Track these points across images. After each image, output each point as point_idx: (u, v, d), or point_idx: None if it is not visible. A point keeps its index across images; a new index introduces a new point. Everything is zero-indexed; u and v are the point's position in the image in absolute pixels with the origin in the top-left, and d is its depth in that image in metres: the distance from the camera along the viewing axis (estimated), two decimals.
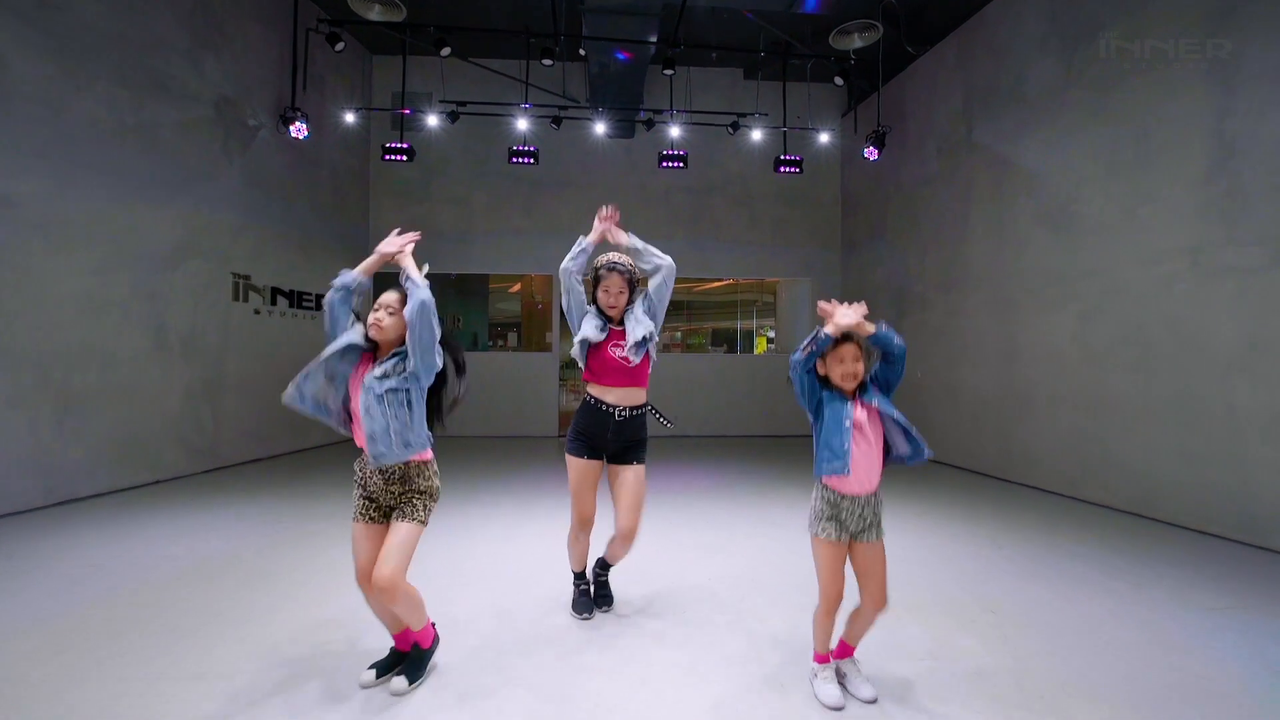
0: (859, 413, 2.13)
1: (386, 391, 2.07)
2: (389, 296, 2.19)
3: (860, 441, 2.11)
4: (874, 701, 2.15)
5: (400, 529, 2.12)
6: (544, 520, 4.61)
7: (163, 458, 5.85)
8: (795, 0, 6.42)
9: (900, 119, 8.31)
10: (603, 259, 2.71)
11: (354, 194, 9.08)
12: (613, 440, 2.67)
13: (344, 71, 8.65)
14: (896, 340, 2.08)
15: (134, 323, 5.56)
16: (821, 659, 2.23)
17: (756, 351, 15.58)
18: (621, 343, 2.66)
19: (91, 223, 5.16)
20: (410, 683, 2.20)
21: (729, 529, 4.41)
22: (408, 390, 2.11)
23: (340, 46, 7.33)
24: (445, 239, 9.49)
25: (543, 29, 7.44)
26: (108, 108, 5.29)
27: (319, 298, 8.15)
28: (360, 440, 2.13)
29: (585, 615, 2.81)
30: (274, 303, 7.33)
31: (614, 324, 2.72)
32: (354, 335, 2.14)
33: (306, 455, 7.56)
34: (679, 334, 15.53)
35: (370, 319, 2.15)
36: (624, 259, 2.71)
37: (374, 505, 2.20)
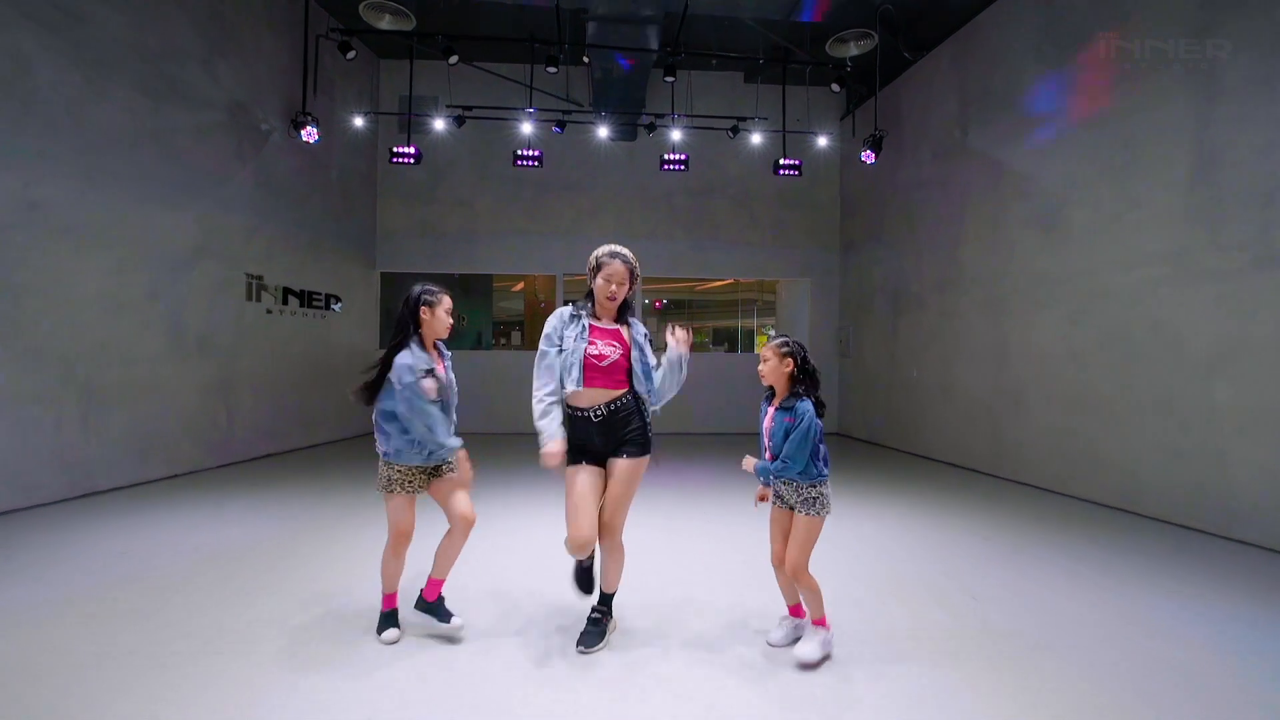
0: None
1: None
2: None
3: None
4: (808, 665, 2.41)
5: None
6: (550, 520, 4.80)
7: (179, 453, 6.05)
8: (794, 8, 6.57)
9: (897, 123, 8.46)
10: (603, 249, 2.55)
11: (362, 196, 9.27)
12: (601, 443, 2.49)
13: (353, 76, 8.83)
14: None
15: (152, 322, 5.76)
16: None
17: (758, 350, 15.71)
18: (598, 342, 2.46)
19: (112, 225, 5.35)
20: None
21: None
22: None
23: (352, 55, 7.52)
24: (450, 240, 9.68)
25: (547, 36, 7.61)
26: (128, 114, 5.48)
27: (329, 297, 8.34)
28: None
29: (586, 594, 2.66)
30: (285, 302, 7.52)
31: (597, 321, 2.53)
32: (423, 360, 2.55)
33: (318, 450, 7.76)
34: None
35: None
36: (627, 250, 2.56)
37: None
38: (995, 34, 6.73)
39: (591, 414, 2.46)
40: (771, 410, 2.49)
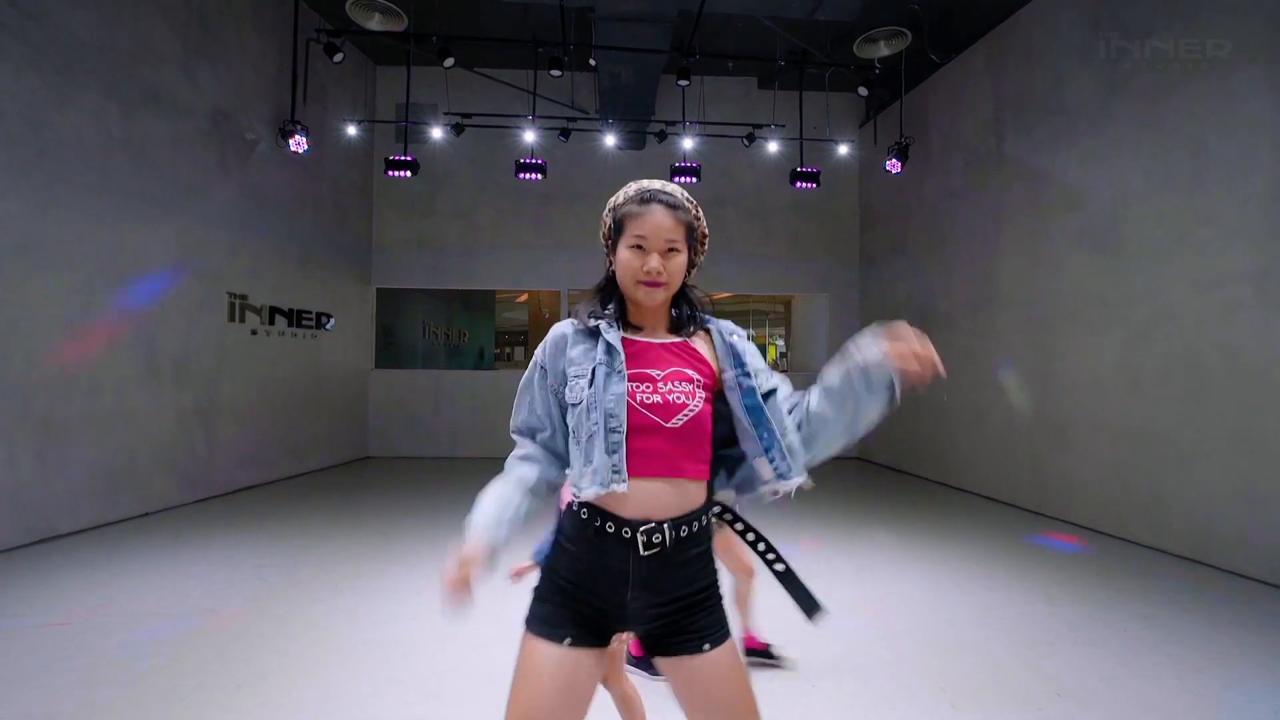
0: None
1: None
2: None
3: None
4: None
5: None
6: None
7: (153, 487, 5.56)
8: (817, 6, 6.09)
9: (924, 130, 7.96)
10: (628, 189, 1.27)
11: (356, 208, 8.82)
12: (639, 603, 1.18)
13: (346, 83, 8.40)
14: None
15: (121, 347, 5.29)
16: None
17: (769, 360, 15.18)
18: (651, 374, 1.19)
19: (76, 243, 4.88)
20: None
21: None
22: None
23: (339, 58, 7.06)
24: (450, 254, 9.21)
25: (550, 38, 7.15)
26: (94, 122, 5.03)
27: (319, 316, 7.87)
28: None
29: None
30: (272, 322, 7.05)
31: (635, 332, 1.26)
32: None
33: (307, 479, 7.27)
34: None
35: None
36: (673, 187, 1.27)
37: None
38: (1036, 31, 6.23)
39: (641, 537, 1.15)
40: None
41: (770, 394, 1.24)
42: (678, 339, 1.26)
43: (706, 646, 1.16)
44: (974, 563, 4.47)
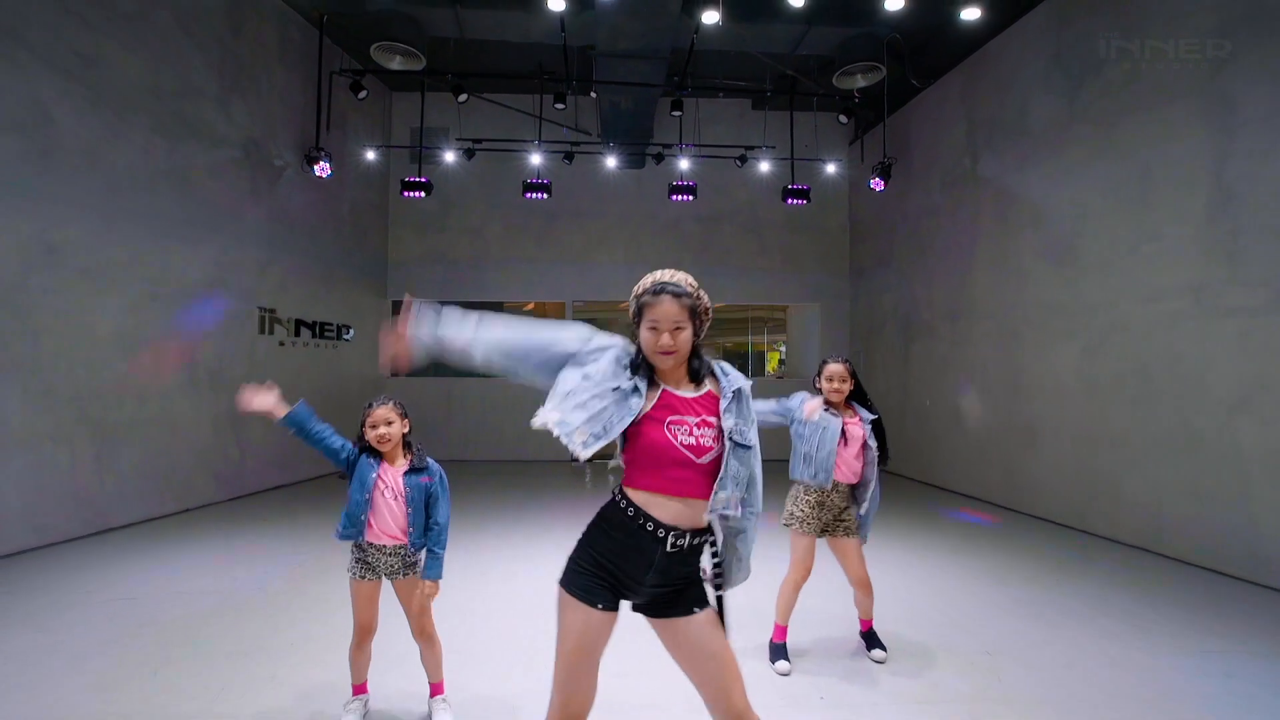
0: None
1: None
2: None
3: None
4: None
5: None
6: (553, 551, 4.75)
7: (192, 487, 6.09)
8: (799, 43, 6.59)
9: (906, 150, 8.44)
10: (645, 281, 1.68)
11: (373, 226, 9.38)
12: (652, 581, 1.59)
13: (365, 110, 8.97)
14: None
15: (166, 358, 5.81)
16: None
17: (769, 369, 15.64)
18: (687, 420, 1.58)
19: (129, 265, 5.43)
20: None
21: None
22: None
23: (363, 95, 7.64)
24: (461, 267, 9.75)
25: (555, 69, 7.69)
26: (144, 155, 5.59)
27: (340, 327, 8.41)
28: None
29: None
30: (297, 334, 7.59)
31: (671, 386, 1.63)
32: None
33: (326, 481, 7.77)
34: None
35: None
36: (681, 276, 1.66)
37: None
38: (1004, 61, 6.71)
39: (671, 539, 1.56)
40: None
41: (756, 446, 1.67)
42: (700, 392, 1.63)
43: (696, 610, 1.60)
44: (939, 551, 4.91)
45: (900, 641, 3.22)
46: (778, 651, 2.95)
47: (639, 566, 1.57)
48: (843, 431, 2.87)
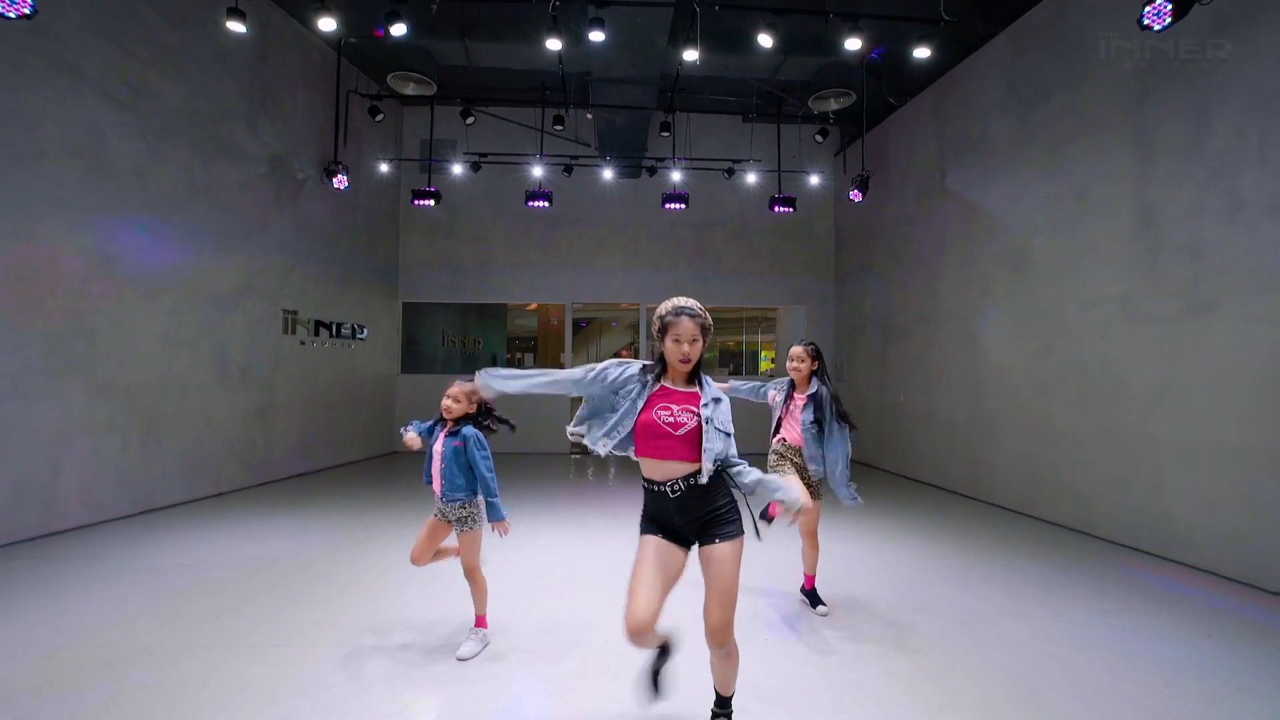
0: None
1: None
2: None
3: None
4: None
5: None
6: (555, 533, 5.36)
7: (224, 473, 6.72)
8: (777, 69, 7.15)
9: (884, 163, 9.00)
10: (667, 305, 2.28)
11: (386, 233, 10.00)
12: (682, 523, 2.21)
13: (379, 125, 9.57)
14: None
15: (202, 356, 6.45)
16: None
17: (762, 369, 16.20)
18: (673, 407, 2.18)
19: (171, 273, 6.06)
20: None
21: None
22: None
23: (380, 118, 8.30)
24: (467, 271, 10.37)
25: (555, 89, 8.29)
26: (183, 173, 6.20)
27: (355, 327, 9.05)
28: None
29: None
30: (317, 334, 8.22)
31: (671, 383, 2.26)
32: None
33: (344, 469, 8.41)
34: None
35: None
36: (693, 303, 2.28)
37: None
38: (967, 85, 7.27)
39: (669, 489, 2.17)
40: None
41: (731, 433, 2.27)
42: (691, 389, 2.25)
43: (717, 540, 2.16)
44: (902, 533, 5.50)
45: (840, 598, 3.81)
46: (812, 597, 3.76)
47: (666, 511, 2.20)
48: (789, 399, 3.82)
